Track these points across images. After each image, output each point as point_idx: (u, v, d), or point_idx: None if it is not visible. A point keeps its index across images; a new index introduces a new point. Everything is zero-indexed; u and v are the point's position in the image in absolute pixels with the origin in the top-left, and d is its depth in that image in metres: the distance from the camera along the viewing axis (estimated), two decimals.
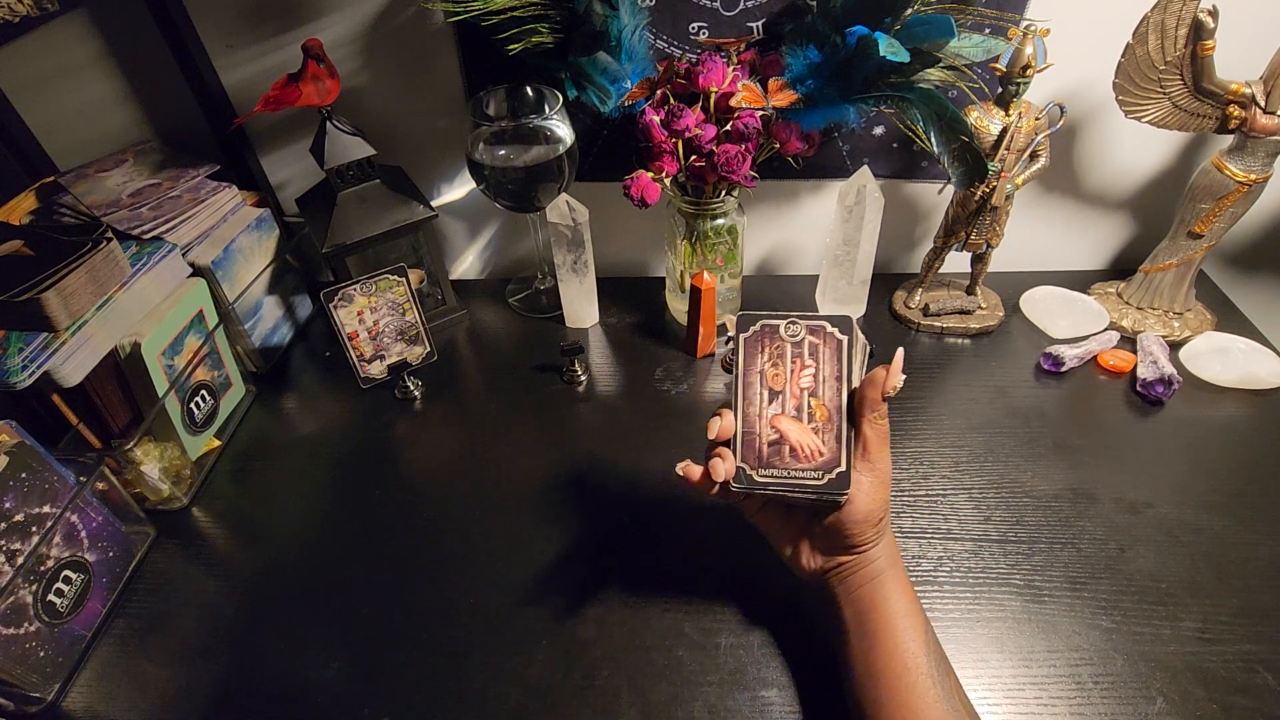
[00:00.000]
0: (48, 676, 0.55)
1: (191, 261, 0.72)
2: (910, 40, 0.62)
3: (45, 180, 0.76)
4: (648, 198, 0.70)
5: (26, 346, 0.58)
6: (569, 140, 0.74)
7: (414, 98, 0.81)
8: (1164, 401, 0.73)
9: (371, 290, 0.73)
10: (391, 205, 0.77)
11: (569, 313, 0.86)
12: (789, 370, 0.48)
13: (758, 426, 0.48)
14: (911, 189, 0.86)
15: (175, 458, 0.69)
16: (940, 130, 0.65)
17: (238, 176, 0.82)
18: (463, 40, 0.76)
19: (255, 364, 0.81)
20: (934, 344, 0.83)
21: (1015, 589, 0.58)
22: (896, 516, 0.64)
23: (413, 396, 0.79)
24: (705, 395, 0.77)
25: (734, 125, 0.67)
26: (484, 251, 0.95)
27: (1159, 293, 0.80)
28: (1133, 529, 0.62)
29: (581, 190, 0.81)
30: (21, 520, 0.54)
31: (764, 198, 0.87)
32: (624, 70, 0.71)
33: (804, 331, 0.48)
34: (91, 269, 0.61)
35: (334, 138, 0.74)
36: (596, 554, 0.62)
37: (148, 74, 0.79)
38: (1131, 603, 0.57)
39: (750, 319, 0.49)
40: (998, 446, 0.70)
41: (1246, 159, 0.70)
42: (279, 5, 0.74)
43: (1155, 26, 0.64)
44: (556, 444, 0.73)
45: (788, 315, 0.49)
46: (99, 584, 0.60)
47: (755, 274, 0.95)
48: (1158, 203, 0.85)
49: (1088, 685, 0.52)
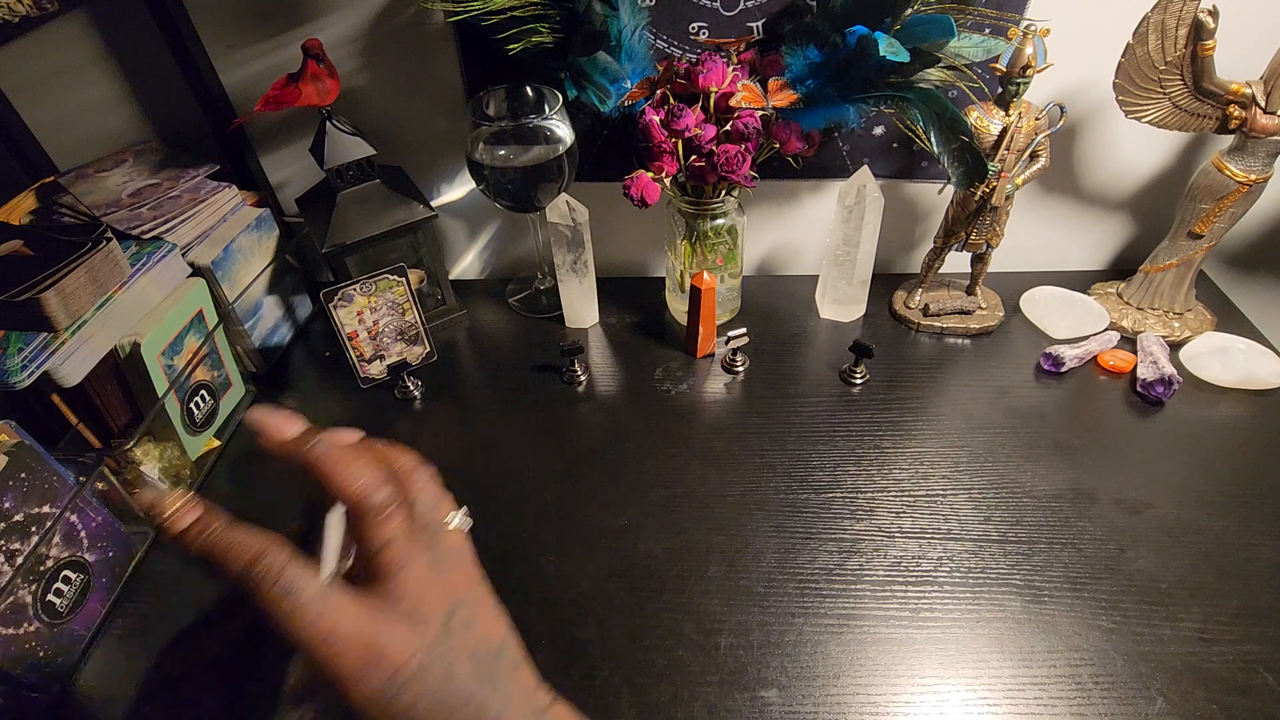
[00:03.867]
0: (47, 676, 0.55)
1: (191, 261, 0.72)
2: (910, 40, 0.62)
3: (45, 180, 0.76)
4: (648, 198, 0.70)
5: (26, 346, 0.58)
6: (569, 140, 0.74)
7: (414, 98, 0.81)
8: (1164, 402, 0.73)
9: (371, 290, 0.73)
10: (391, 205, 0.77)
11: (569, 313, 0.86)
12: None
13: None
14: (911, 189, 0.86)
15: (175, 458, 0.69)
16: (940, 130, 0.65)
17: (238, 176, 0.82)
18: (463, 40, 0.75)
19: (255, 364, 0.81)
20: (934, 344, 0.83)
21: (1015, 589, 0.58)
22: (896, 516, 0.64)
23: (413, 396, 0.79)
24: (705, 395, 0.77)
25: (734, 125, 0.67)
26: (484, 251, 0.95)
27: (1159, 293, 0.80)
28: (1133, 529, 0.62)
29: (581, 190, 0.81)
30: (21, 520, 0.54)
31: (764, 198, 0.87)
32: (624, 70, 0.71)
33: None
34: (91, 269, 0.61)
35: (334, 138, 0.74)
36: (596, 554, 0.62)
37: (148, 74, 0.79)
38: (1131, 603, 0.57)
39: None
40: (998, 447, 0.70)
41: (1247, 159, 0.70)
42: (279, 5, 0.74)
43: (1155, 26, 0.64)
44: (556, 444, 0.73)
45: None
46: (98, 584, 0.60)
47: (755, 274, 0.95)
48: (1158, 203, 0.85)
49: (1088, 685, 0.52)
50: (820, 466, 0.69)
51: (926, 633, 0.56)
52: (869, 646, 0.55)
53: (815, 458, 0.69)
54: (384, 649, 0.27)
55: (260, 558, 0.26)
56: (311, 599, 0.26)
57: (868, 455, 0.70)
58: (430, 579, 0.29)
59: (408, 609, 0.28)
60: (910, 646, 0.55)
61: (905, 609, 0.57)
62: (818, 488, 0.67)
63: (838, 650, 0.55)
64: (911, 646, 0.55)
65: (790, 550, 0.62)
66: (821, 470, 0.68)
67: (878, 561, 0.61)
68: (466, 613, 0.29)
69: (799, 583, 0.59)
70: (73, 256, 0.60)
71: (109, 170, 0.77)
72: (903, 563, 0.60)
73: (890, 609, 0.57)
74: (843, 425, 0.73)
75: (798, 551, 0.62)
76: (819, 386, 0.77)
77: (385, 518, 0.28)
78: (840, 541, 0.62)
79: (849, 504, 0.65)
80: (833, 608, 0.58)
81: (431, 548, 0.29)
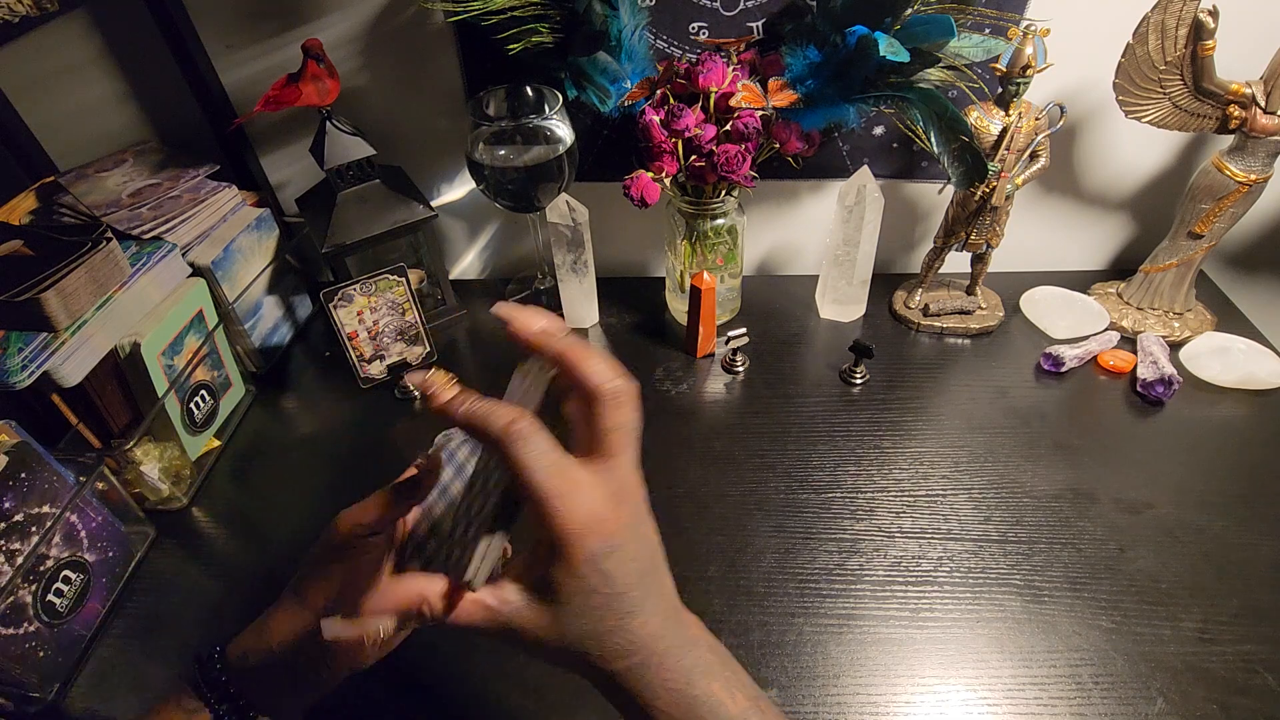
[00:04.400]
0: (47, 676, 0.55)
1: (191, 261, 0.72)
2: (910, 40, 0.62)
3: (45, 180, 0.76)
4: (648, 198, 0.70)
5: (26, 346, 0.58)
6: (569, 140, 0.74)
7: (414, 98, 0.81)
8: (1164, 402, 0.73)
9: (371, 290, 0.73)
10: (391, 205, 0.77)
11: (569, 313, 0.86)
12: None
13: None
14: (911, 189, 0.86)
15: (175, 458, 0.69)
16: (940, 130, 0.65)
17: (238, 176, 0.82)
18: (463, 40, 0.75)
19: (255, 364, 0.81)
20: (934, 344, 0.83)
21: (1015, 589, 0.58)
22: (896, 516, 0.64)
23: (412, 396, 0.79)
24: (705, 395, 0.77)
25: (734, 125, 0.67)
26: (484, 251, 0.95)
27: (1159, 293, 0.80)
28: (1133, 529, 0.62)
29: (581, 190, 0.81)
30: (21, 520, 0.54)
31: (764, 198, 0.87)
32: (624, 70, 0.71)
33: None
34: (91, 269, 0.61)
35: (334, 138, 0.74)
36: None
37: (148, 74, 0.79)
38: (1131, 603, 0.57)
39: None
40: (998, 446, 0.70)
41: (1247, 159, 0.69)
42: (279, 5, 0.74)
43: (1155, 26, 0.64)
44: None
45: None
46: (98, 584, 0.60)
47: (755, 274, 0.95)
48: (1158, 203, 0.85)
49: (1088, 685, 0.52)
50: (820, 466, 0.69)
51: (926, 633, 0.56)
52: (869, 646, 0.55)
53: (815, 458, 0.69)
54: (603, 517, 0.31)
55: (517, 420, 0.30)
56: (557, 459, 0.30)
57: (868, 455, 0.70)
58: (634, 472, 0.33)
59: (619, 489, 0.32)
60: (910, 646, 0.55)
61: (905, 609, 0.57)
62: (818, 488, 0.67)
63: (838, 650, 0.55)
64: (911, 646, 0.55)
65: (790, 550, 0.62)
66: (821, 470, 0.68)
67: (878, 561, 0.61)
68: (645, 509, 0.34)
69: (799, 583, 0.59)
70: (73, 256, 0.60)
71: (109, 170, 0.77)
72: (903, 563, 0.60)
73: (890, 609, 0.57)
74: (843, 425, 0.73)
75: (798, 551, 0.61)
76: (819, 386, 0.77)
77: (620, 404, 0.31)
78: (840, 541, 0.62)
79: (849, 504, 0.65)
80: (833, 608, 0.58)
81: (635, 446, 0.33)
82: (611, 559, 0.31)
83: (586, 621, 0.32)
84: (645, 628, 0.33)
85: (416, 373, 0.32)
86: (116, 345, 0.64)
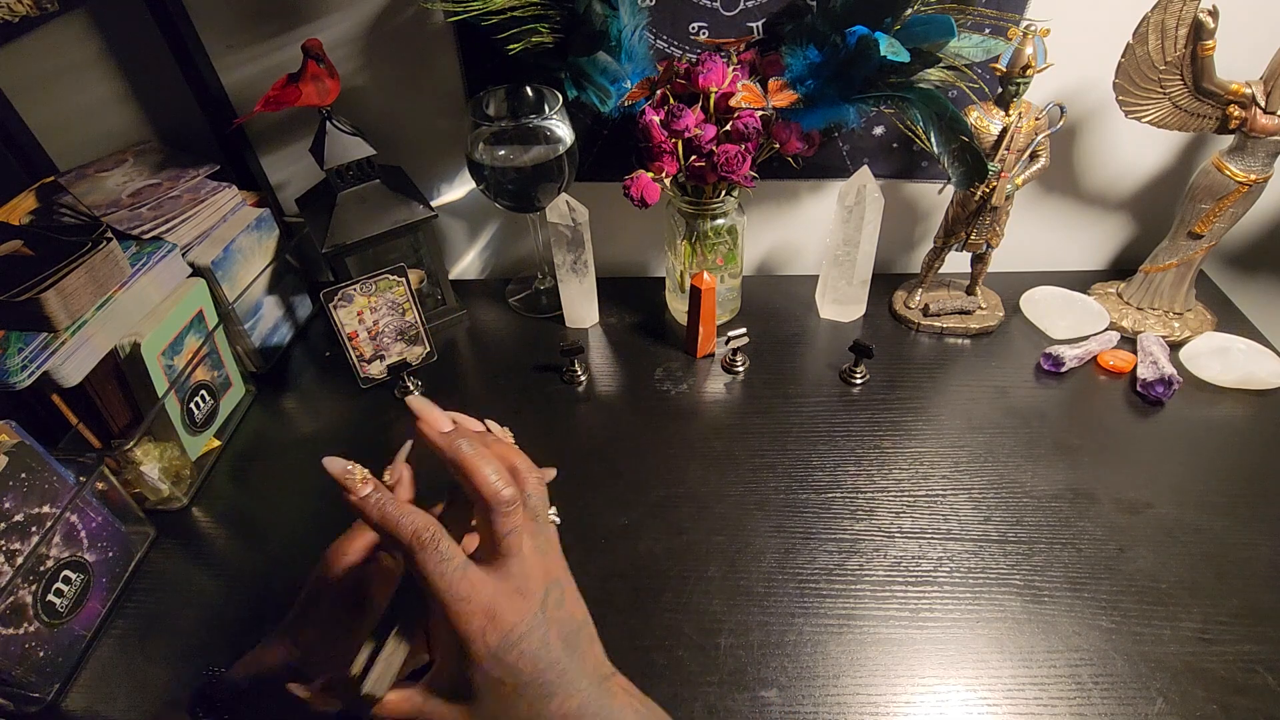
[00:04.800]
0: (47, 676, 0.55)
1: (191, 261, 0.72)
2: (910, 40, 0.62)
3: (45, 180, 0.76)
4: (648, 198, 0.70)
5: (26, 346, 0.58)
6: (569, 140, 0.74)
7: (414, 98, 0.81)
8: (1164, 402, 0.73)
9: (371, 290, 0.73)
10: (391, 205, 0.77)
11: (569, 313, 0.86)
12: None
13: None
14: (911, 189, 0.86)
15: (175, 458, 0.69)
16: (940, 130, 0.65)
17: (238, 176, 0.82)
18: (463, 40, 0.75)
19: (255, 364, 0.81)
20: (934, 344, 0.83)
21: (1015, 589, 0.58)
22: (896, 516, 0.64)
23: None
24: (705, 395, 0.77)
25: (734, 125, 0.67)
26: (484, 251, 0.95)
27: (1159, 293, 0.80)
28: (1133, 529, 0.62)
29: (581, 190, 0.81)
30: (21, 520, 0.54)
31: (764, 198, 0.87)
32: (624, 70, 0.71)
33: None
34: (91, 269, 0.61)
35: (334, 138, 0.74)
36: (595, 554, 0.62)
37: (148, 74, 0.79)
38: (1131, 603, 0.57)
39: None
40: (998, 447, 0.70)
41: (1246, 159, 0.70)
42: (279, 5, 0.74)
43: (1155, 26, 0.64)
44: (556, 444, 0.73)
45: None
46: (98, 584, 0.60)
47: (755, 274, 0.95)
48: (1158, 203, 0.85)
49: (1088, 685, 0.52)
50: (820, 466, 0.69)
51: (926, 633, 0.56)
52: (869, 646, 0.55)
53: (815, 458, 0.69)
54: (502, 613, 0.32)
55: (425, 528, 0.32)
56: (458, 566, 0.32)
57: (868, 455, 0.70)
58: (535, 561, 0.35)
59: (519, 584, 0.34)
60: (910, 646, 0.55)
61: (905, 609, 0.57)
62: (818, 488, 0.67)
63: (838, 650, 0.55)
64: (911, 646, 0.55)
65: (790, 550, 0.62)
66: (821, 470, 0.68)
67: (878, 561, 0.61)
68: (559, 592, 0.36)
69: (799, 583, 0.59)
70: (73, 256, 0.60)
71: (109, 170, 0.77)
72: (903, 563, 0.60)
73: (890, 609, 0.57)
74: (843, 425, 0.73)
75: (798, 551, 0.62)
76: (819, 386, 0.77)
77: (511, 512, 0.33)
78: (840, 541, 0.62)
79: (849, 504, 0.65)
80: (833, 608, 0.58)
81: (536, 535, 0.35)
82: (514, 651, 0.33)
83: (501, 712, 0.33)
84: (563, 708, 0.34)
85: (335, 460, 0.34)
86: (116, 345, 0.64)
